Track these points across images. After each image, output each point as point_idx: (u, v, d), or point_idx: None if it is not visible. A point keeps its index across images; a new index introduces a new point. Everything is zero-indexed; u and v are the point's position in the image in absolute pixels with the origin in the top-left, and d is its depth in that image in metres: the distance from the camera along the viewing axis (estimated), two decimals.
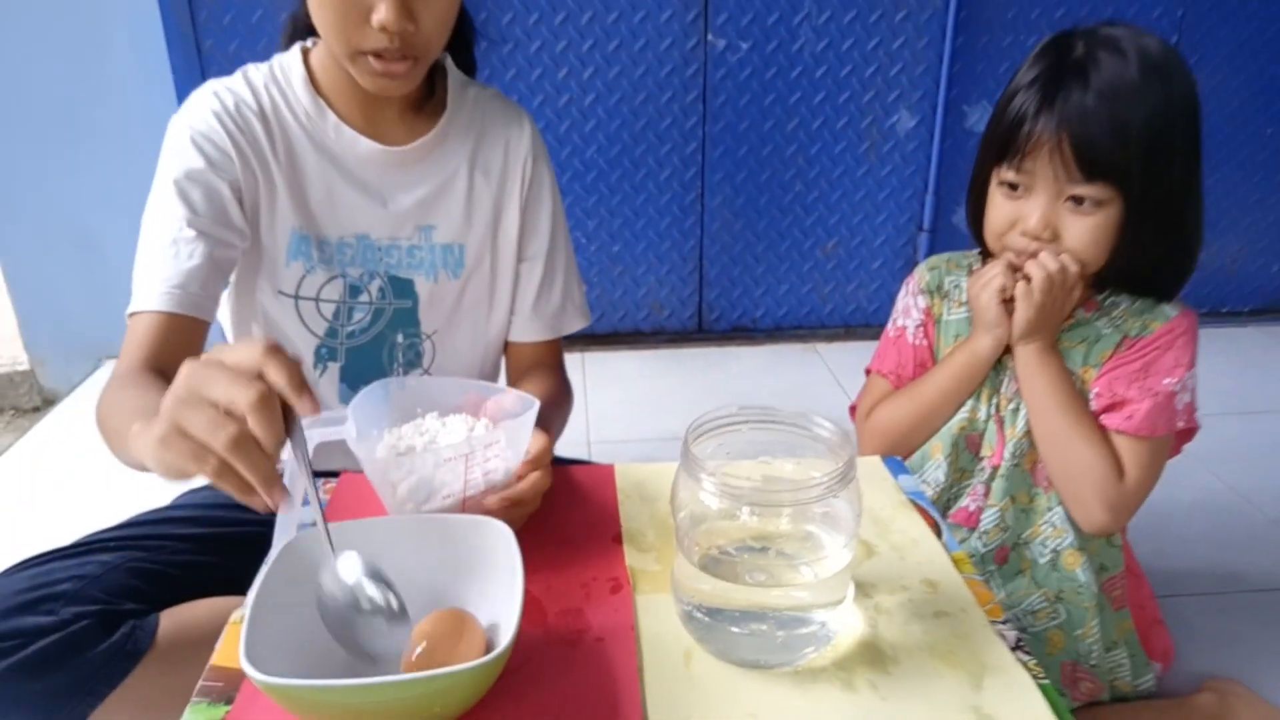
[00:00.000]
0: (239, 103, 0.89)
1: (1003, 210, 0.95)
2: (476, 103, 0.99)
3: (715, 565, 0.61)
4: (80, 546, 0.85)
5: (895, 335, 1.11)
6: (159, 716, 0.81)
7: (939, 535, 0.75)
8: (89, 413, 1.81)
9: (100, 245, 2.02)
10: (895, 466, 0.86)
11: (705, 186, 2.14)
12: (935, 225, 2.17)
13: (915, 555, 0.73)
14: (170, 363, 0.78)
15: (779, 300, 2.28)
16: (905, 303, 1.11)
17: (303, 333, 0.96)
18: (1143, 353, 0.98)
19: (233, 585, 0.86)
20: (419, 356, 1.00)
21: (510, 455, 0.69)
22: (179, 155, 0.87)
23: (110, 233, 1.99)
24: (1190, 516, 1.55)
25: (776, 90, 2.06)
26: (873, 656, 0.62)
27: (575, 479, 0.83)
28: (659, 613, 0.65)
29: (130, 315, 0.84)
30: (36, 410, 2.05)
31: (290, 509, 0.58)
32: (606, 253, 2.17)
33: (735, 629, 0.60)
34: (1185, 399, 0.98)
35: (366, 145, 0.92)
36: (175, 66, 1.82)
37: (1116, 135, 0.87)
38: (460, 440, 0.69)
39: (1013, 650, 0.62)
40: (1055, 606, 1.01)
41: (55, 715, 0.75)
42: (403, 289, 0.97)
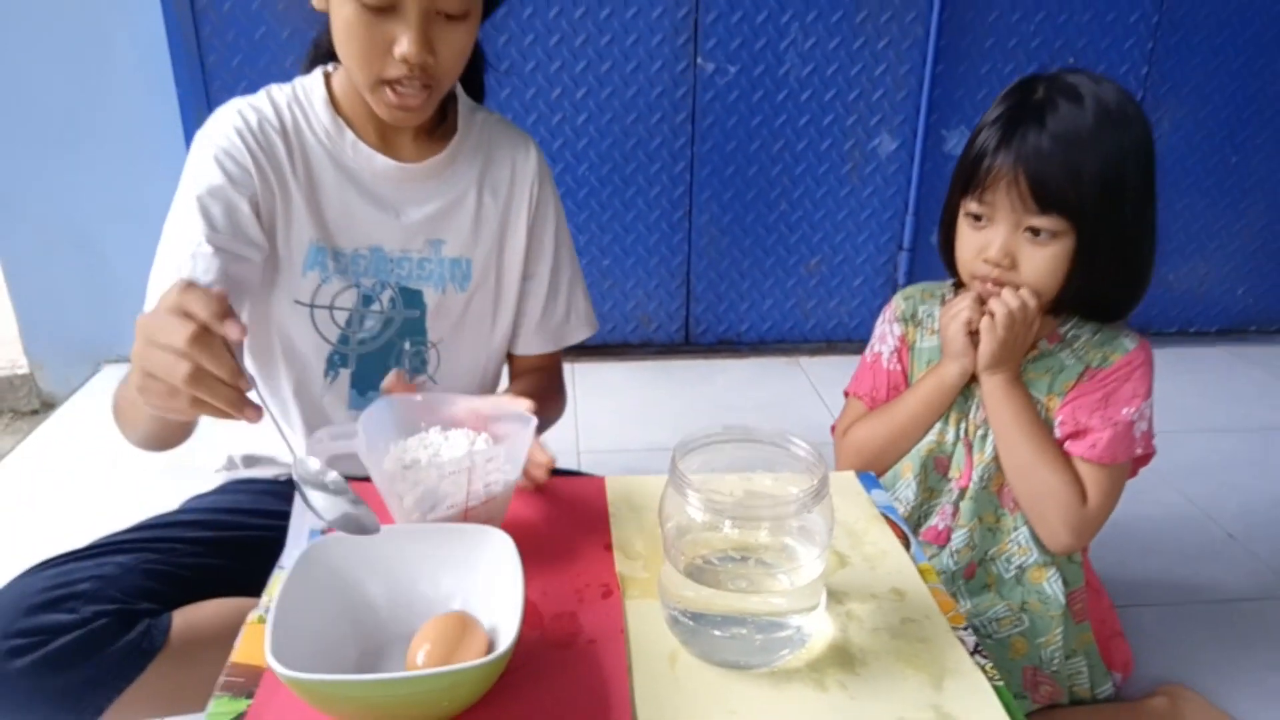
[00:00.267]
0: (262, 120, 0.92)
1: (968, 239, 0.99)
2: (485, 127, 1.03)
3: (699, 573, 0.63)
4: (97, 548, 0.87)
5: (871, 360, 1.14)
6: (170, 710, 0.83)
7: (907, 547, 0.78)
8: (89, 416, 1.87)
9: (101, 250, 2.00)
10: (869, 482, 0.89)
11: (693, 204, 2.13)
12: (915, 244, 2.18)
13: (885, 566, 0.75)
14: None
15: (763, 315, 2.28)
16: (882, 329, 1.14)
17: (317, 340, 0.98)
18: (1104, 383, 1.01)
19: (239, 586, 0.89)
20: (424, 364, 1.03)
21: (509, 469, 0.72)
22: (202, 170, 0.90)
23: (111, 238, 1.98)
24: (1153, 530, 1.56)
25: (763, 112, 2.07)
26: (843, 659, 0.65)
27: (569, 490, 0.86)
28: (647, 617, 0.68)
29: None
30: (35, 413, 2.03)
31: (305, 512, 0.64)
32: (597, 266, 2.17)
33: (717, 632, 0.63)
34: (1143, 427, 1.01)
35: (382, 161, 0.95)
36: (179, 79, 1.82)
37: (1069, 175, 0.91)
38: (462, 454, 0.71)
39: (971, 654, 0.65)
40: (1019, 615, 1.04)
41: (75, 708, 0.77)
42: (412, 299, 1.00)
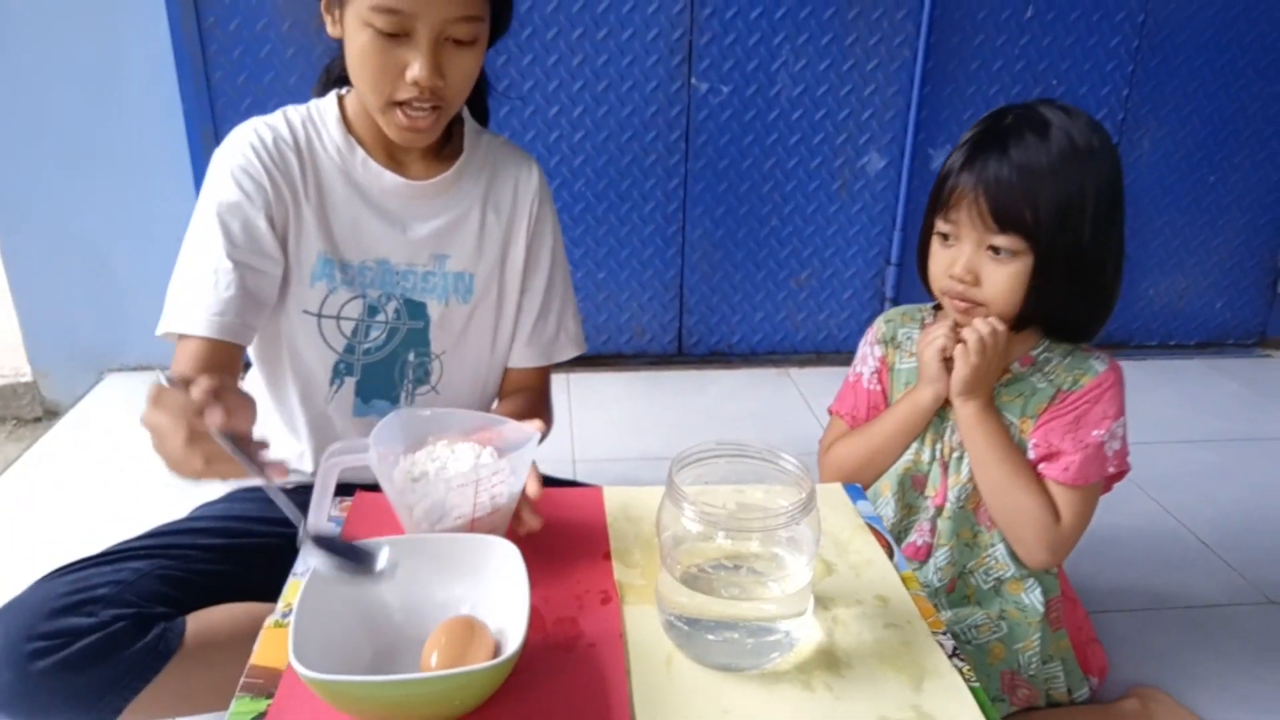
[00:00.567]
0: (277, 138, 0.96)
1: (938, 257, 1.02)
2: (489, 148, 1.07)
3: (694, 581, 0.66)
4: (112, 554, 0.90)
5: (854, 380, 1.17)
6: (184, 710, 0.87)
7: (891, 556, 0.82)
8: (94, 424, 1.92)
9: (106, 260, 2.01)
10: (854, 494, 0.92)
11: (687, 219, 2.16)
12: (903, 259, 2.21)
13: (869, 573, 0.79)
14: None
15: (755, 327, 2.31)
16: (863, 351, 1.17)
17: (323, 349, 1.01)
18: (1074, 406, 1.03)
19: (249, 591, 0.93)
20: (427, 374, 1.06)
21: (514, 481, 0.75)
22: (220, 187, 0.94)
23: (116, 248, 2.00)
24: (1130, 539, 1.59)
25: (755, 131, 2.09)
26: (829, 661, 0.68)
27: (569, 501, 0.88)
28: (644, 622, 0.71)
29: (179, 338, 0.90)
30: (38, 421, 2.04)
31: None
32: (592, 279, 2.19)
33: (711, 636, 0.66)
34: (1115, 446, 1.03)
35: (391, 178, 0.99)
36: (185, 95, 1.85)
37: (1027, 201, 0.94)
38: (469, 467, 0.75)
39: (950, 657, 0.69)
40: (998, 623, 1.07)
41: (94, 707, 0.80)
42: (416, 311, 1.03)
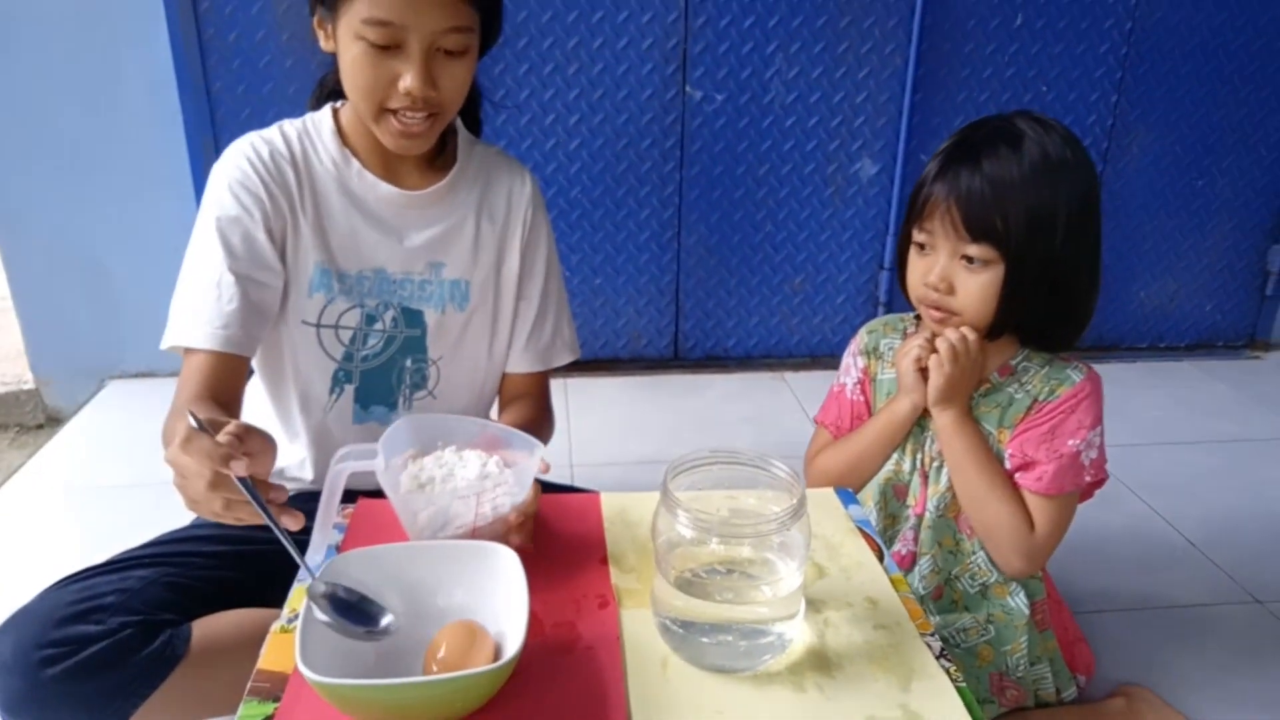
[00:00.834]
0: (273, 151, 0.98)
1: (915, 266, 1.04)
2: (482, 157, 1.08)
3: (688, 585, 0.68)
4: (118, 563, 0.92)
5: (837, 391, 1.19)
6: (191, 714, 0.88)
7: (881, 559, 0.83)
8: (96, 432, 1.94)
9: (107, 269, 2.03)
10: (846, 498, 0.94)
11: (682, 225, 2.18)
12: (895, 264, 2.24)
13: (860, 576, 0.81)
14: (219, 393, 0.89)
15: (750, 331, 2.32)
16: (847, 362, 1.18)
17: (322, 358, 1.02)
18: (1050, 416, 1.03)
19: (253, 598, 0.94)
20: (425, 380, 1.07)
21: (517, 491, 0.77)
22: (219, 202, 0.96)
23: (117, 258, 2.01)
24: (1118, 538, 1.61)
25: (749, 138, 2.11)
26: (820, 662, 0.70)
27: (567, 506, 0.90)
28: (640, 625, 0.73)
29: (185, 351, 0.92)
30: (40, 428, 2.05)
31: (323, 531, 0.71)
32: (589, 285, 2.21)
33: (705, 639, 0.68)
34: (1092, 455, 1.04)
35: (386, 189, 1.01)
36: (185, 106, 1.86)
37: (997, 211, 0.95)
38: (474, 476, 0.77)
39: (937, 658, 0.71)
40: (986, 626, 1.09)
41: (103, 713, 0.82)
42: (413, 319, 1.04)
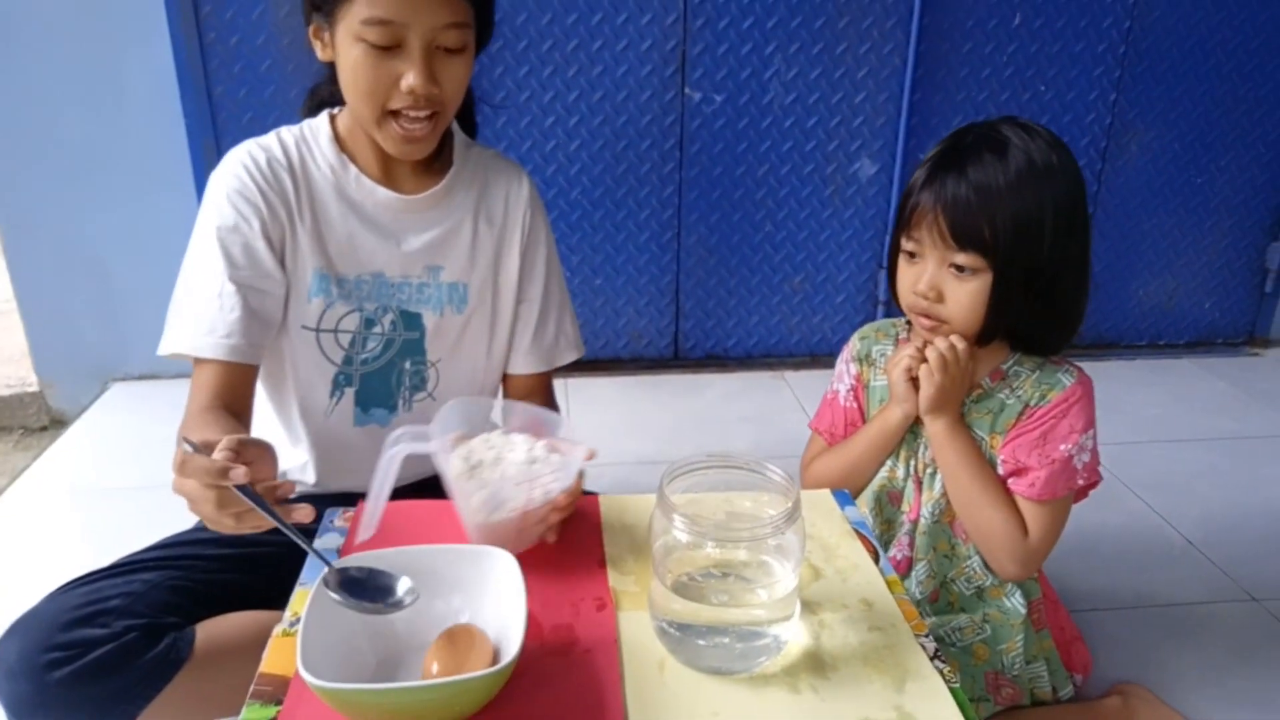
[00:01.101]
0: (270, 159, 0.98)
1: (904, 274, 1.03)
2: (479, 160, 1.09)
3: (685, 589, 0.69)
4: (123, 566, 0.92)
5: (831, 397, 1.19)
6: (196, 716, 0.89)
7: (877, 561, 0.84)
8: (100, 434, 1.95)
9: (109, 272, 2.04)
10: (842, 499, 0.95)
11: (681, 225, 2.19)
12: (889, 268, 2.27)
13: (855, 578, 0.81)
14: (229, 401, 0.91)
15: (749, 330, 2.33)
16: (840, 368, 1.18)
17: (322, 362, 1.03)
18: (1041, 422, 1.03)
19: (256, 600, 0.95)
20: (424, 382, 1.08)
21: (565, 478, 0.80)
22: (218, 210, 0.96)
23: (119, 260, 2.03)
24: (1117, 537, 1.62)
25: (748, 139, 2.12)
26: (815, 664, 0.71)
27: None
28: (638, 627, 0.73)
29: (194, 362, 0.94)
30: (44, 430, 2.07)
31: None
32: (590, 286, 2.22)
33: (701, 642, 0.69)
34: (1084, 459, 1.04)
35: (384, 193, 1.01)
36: (187, 110, 1.87)
37: (984, 219, 0.95)
38: (522, 459, 0.80)
39: (931, 659, 0.71)
40: (981, 625, 1.09)
41: (108, 716, 0.83)
42: (412, 322, 1.05)
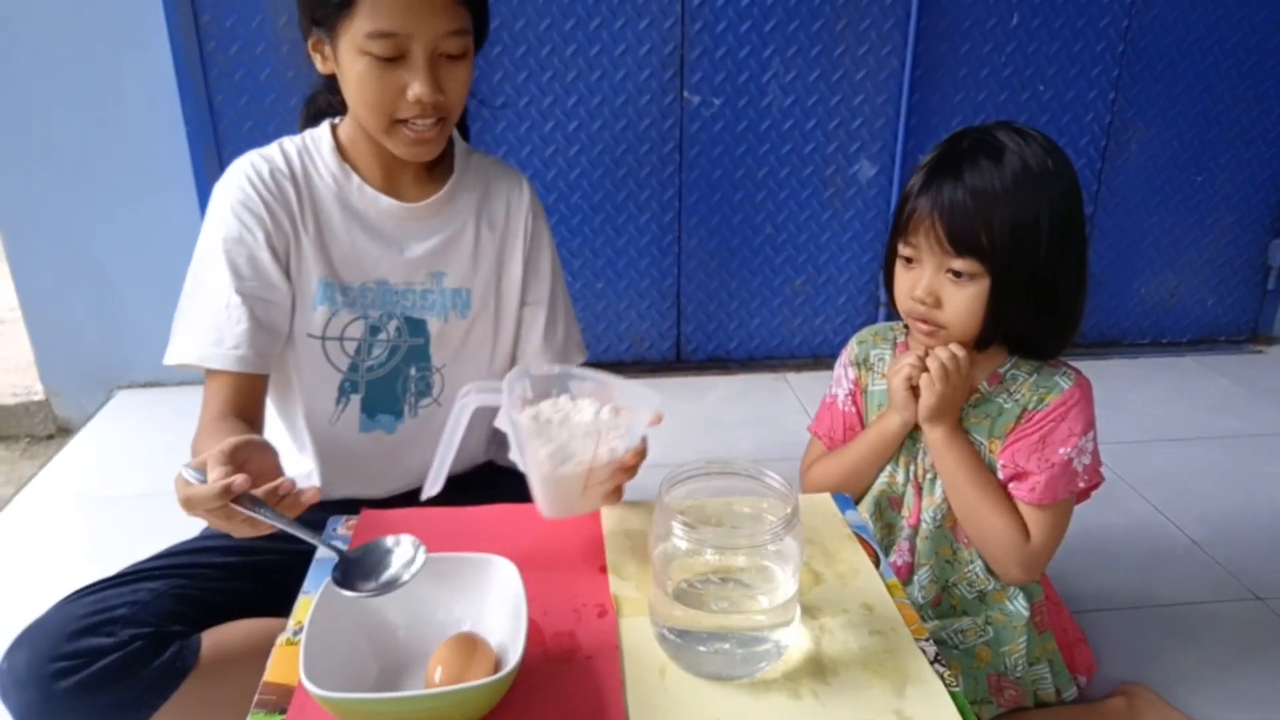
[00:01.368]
0: (273, 169, 0.99)
1: (902, 280, 1.04)
2: (480, 167, 1.10)
3: (685, 595, 0.69)
4: (128, 575, 0.93)
5: (830, 402, 1.19)
6: None
7: (877, 565, 0.84)
8: (105, 442, 1.95)
9: (113, 281, 2.05)
10: (843, 503, 0.95)
11: (682, 229, 2.19)
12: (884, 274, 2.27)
13: (856, 582, 0.81)
14: (241, 410, 0.94)
15: (751, 333, 2.34)
16: (838, 373, 1.19)
17: (328, 369, 1.04)
18: (1039, 425, 1.03)
19: (262, 607, 0.96)
20: (429, 387, 1.09)
21: (630, 438, 0.80)
22: (222, 222, 0.97)
23: (122, 270, 2.04)
24: (1120, 537, 1.62)
25: (747, 142, 2.13)
26: (816, 669, 0.71)
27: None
28: (639, 633, 0.74)
29: (206, 374, 0.96)
30: (50, 438, 2.08)
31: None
32: (591, 289, 2.22)
33: (702, 648, 0.69)
34: (1084, 461, 1.04)
35: (386, 202, 1.02)
36: (188, 119, 1.88)
37: (981, 225, 0.95)
38: (590, 419, 0.80)
39: (931, 663, 0.72)
40: (984, 627, 1.09)
41: None
42: (416, 328, 1.06)
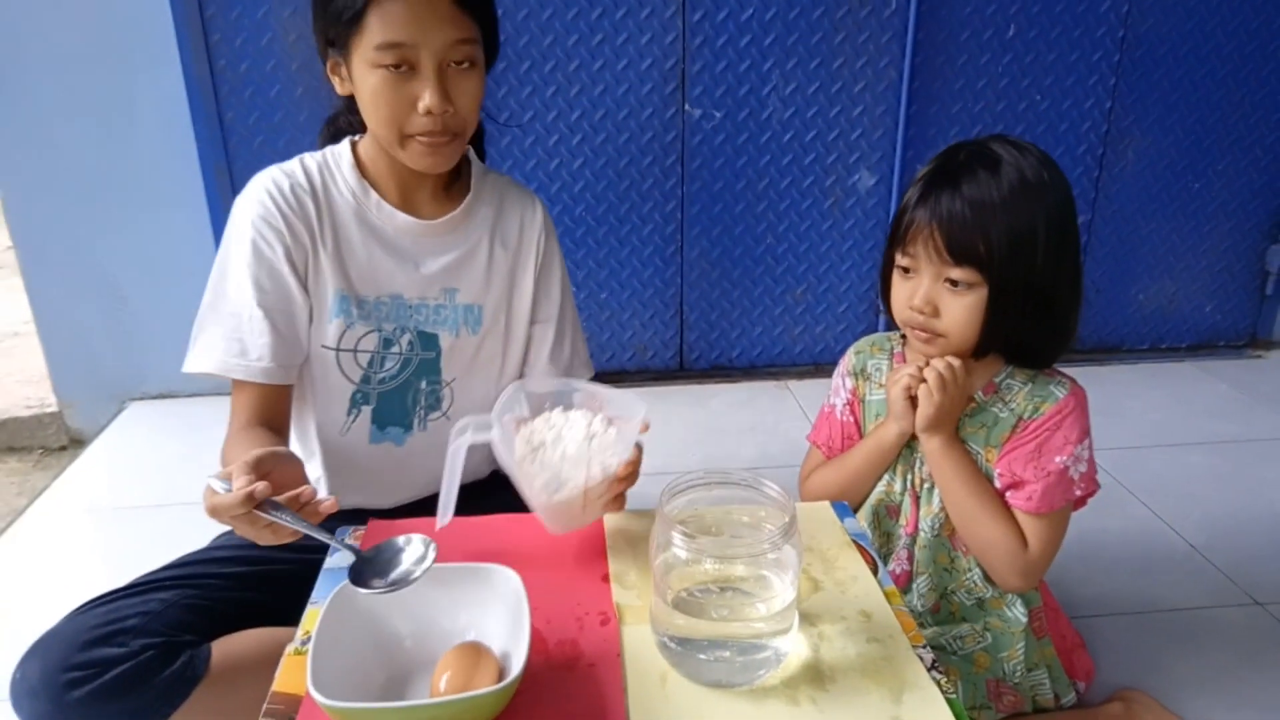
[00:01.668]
0: (294, 185, 1.02)
1: (899, 290, 1.05)
2: (495, 186, 1.12)
3: (685, 604, 0.70)
4: (140, 586, 0.95)
5: (828, 411, 1.21)
6: None
7: (875, 573, 0.85)
8: (118, 453, 1.97)
9: (125, 294, 2.07)
10: (841, 511, 0.96)
11: (684, 240, 2.21)
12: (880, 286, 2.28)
13: (854, 590, 0.82)
14: (267, 419, 0.97)
15: (753, 341, 2.35)
16: (836, 382, 1.20)
17: (341, 381, 1.06)
18: (1035, 434, 1.04)
19: (271, 617, 0.97)
20: (439, 401, 1.11)
21: (622, 450, 0.81)
22: (242, 236, 1.00)
23: (135, 283, 2.06)
24: (1118, 543, 1.62)
25: (748, 153, 2.14)
26: (814, 676, 0.72)
27: None
28: (641, 641, 0.75)
29: (233, 384, 0.99)
30: (63, 449, 2.09)
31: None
32: (595, 300, 2.24)
33: (702, 656, 0.70)
34: (1080, 469, 1.04)
35: (403, 218, 1.05)
36: (199, 135, 1.90)
37: (979, 235, 0.96)
38: (581, 436, 0.81)
39: (929, 670, 0.72)
40: (983, 634, 1.10)
41: None
42: (428, 342, 1.08)
